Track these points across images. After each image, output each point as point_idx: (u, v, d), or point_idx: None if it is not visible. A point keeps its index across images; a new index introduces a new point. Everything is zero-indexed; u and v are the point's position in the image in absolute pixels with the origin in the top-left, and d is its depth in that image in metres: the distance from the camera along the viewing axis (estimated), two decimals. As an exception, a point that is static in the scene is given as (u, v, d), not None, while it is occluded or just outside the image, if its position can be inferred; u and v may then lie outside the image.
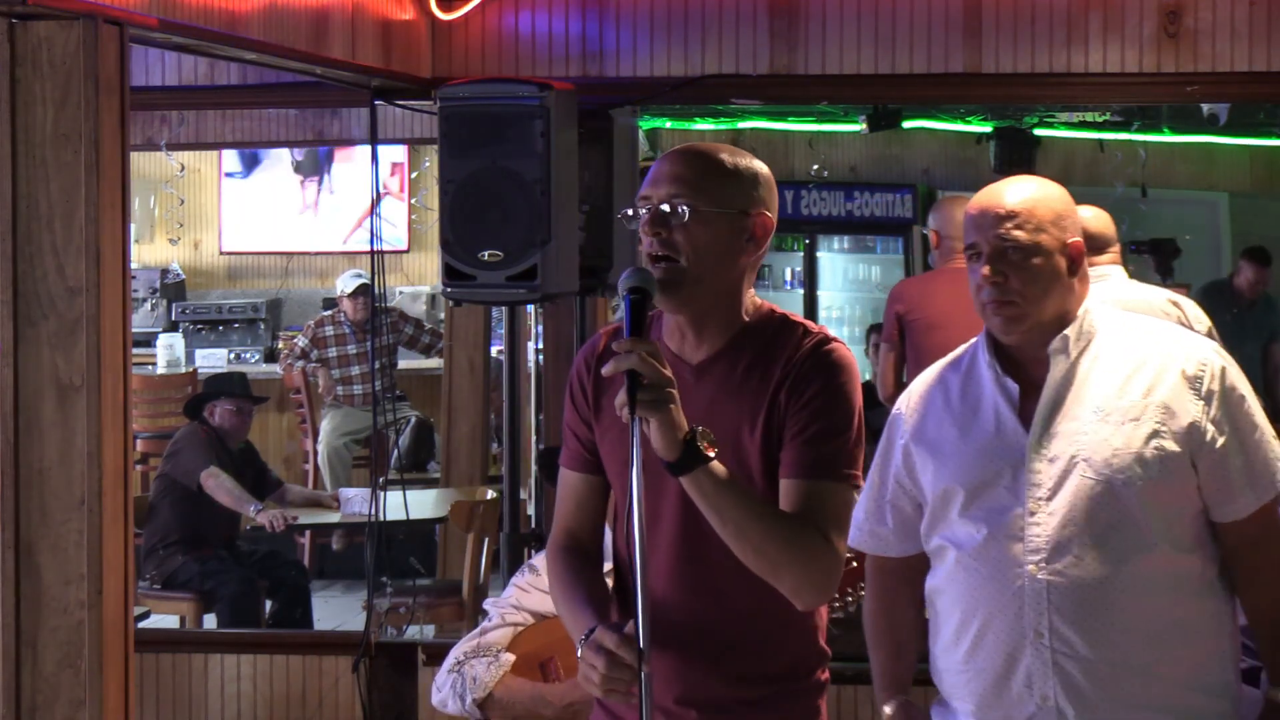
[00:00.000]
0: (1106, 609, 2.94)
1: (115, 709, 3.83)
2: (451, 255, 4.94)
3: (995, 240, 3.01)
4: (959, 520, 3.05)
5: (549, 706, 3.94)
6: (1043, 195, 3.06)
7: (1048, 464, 2.98)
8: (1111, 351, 3.04)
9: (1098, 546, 2.94)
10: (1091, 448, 2.96)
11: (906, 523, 3.19)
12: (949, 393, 3.14)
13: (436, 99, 5.03)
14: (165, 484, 7.52)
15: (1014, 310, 3.01)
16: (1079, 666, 2.95)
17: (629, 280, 2.75)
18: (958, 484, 3.05)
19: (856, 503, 2.98)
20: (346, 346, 9.84)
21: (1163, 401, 2.97)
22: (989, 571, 3.00)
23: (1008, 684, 3.00)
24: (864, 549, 3.26)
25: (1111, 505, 2.94)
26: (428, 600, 6.77)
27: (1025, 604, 2.96)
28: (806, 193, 11.91)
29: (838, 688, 5.17)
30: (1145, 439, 2.95)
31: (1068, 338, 3.03)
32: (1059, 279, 3.03)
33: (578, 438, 2.98)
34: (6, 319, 3.74)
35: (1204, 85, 5.47)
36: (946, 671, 3.12)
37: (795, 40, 5.40)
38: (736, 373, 2.86)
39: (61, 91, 3.71)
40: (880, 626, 3.28)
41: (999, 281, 3.00)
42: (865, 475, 3.06)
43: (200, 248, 12.40)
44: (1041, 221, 3.01)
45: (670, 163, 2.87)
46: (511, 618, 4.10)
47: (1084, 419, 2.98)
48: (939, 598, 3.13)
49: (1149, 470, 2.94)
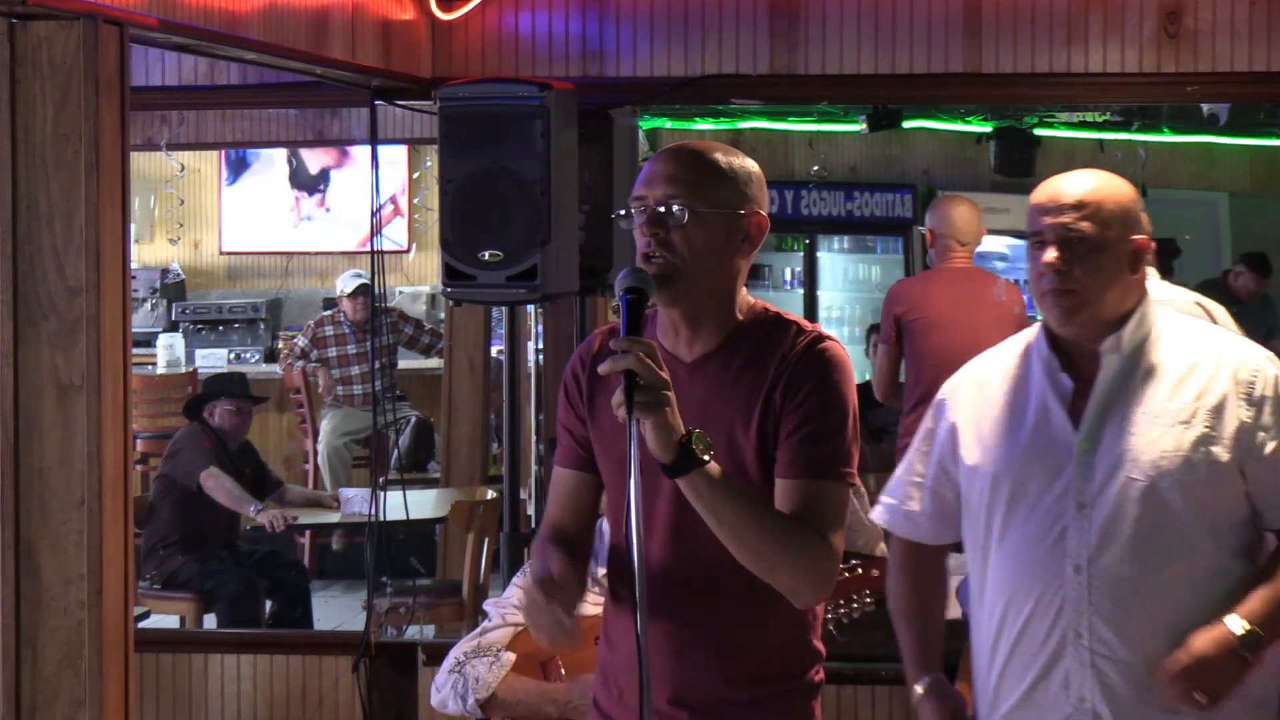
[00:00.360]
0: (1147, 612, 2.93)
1: (115, 709, 3.83)
2: (451, 255, 4.94)
3: (1062, 230, 2.98)
4: (1001, 515, 3.03)
5: (552, 704, 3.94)
6: (1112, 189, 3.04)
7: (1095, 464, 2.97)
8: (1164, 353, 3.02)
9: (1141, 549, 2.93)
10: (1139, 450, 2.95)
11: (945, 510, 3.17)
12: (1000, 381, 3.11)
13: (436, 99, 5.03)
14: (165, 484, 7.52)
15: (1074, 300, 2.98)
16: (1117, 668, 2.94)
17: (625, 280, 2.75)
18: (1000, 477, 3.03)
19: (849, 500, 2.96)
20: (346, 346, 9.84)
21: (1213, 406, 2.96)
22: (1030, 569, 2.99)
23: (1045, 684, 2.99)
24: (893, 530, 3.25)
25: (1157, 508, 2.93)
26: (428, 600, 6.77)
27: (1066, 604, 2.95)
28: (806, 193, 11.90)
29: (837, 688, 5.18)
30: (1194, 443, 2.94)
31: (1121, 337, 3.01)
32: (1121, 274, 3.01)
33: (571, 435, 2.98)
34: (6, 319, 3.74)
35: (1204, 85, 5.48)
36: (982, 669, 3.11)
37: (795, 40, 5.40)
38: (730, 370, 2.85)
39: (61, 91, 3.71)
40: (909, 604, 3.25)
41: (1063, 270, 2.97)
42: (859, 473, 3.04)
43: (200, 248, 12.40)
44: (1110, 215, 3.00)
45: (666, 162, 2.86)
46: (512, 618, 4.10)
47: (1134, 420, 2.97)
48: (977, 592, 3.11)
49: (1196, 474, 2.93)
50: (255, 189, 12.21)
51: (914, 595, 3.25)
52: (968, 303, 6.45)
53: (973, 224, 6.59)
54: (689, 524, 2.80)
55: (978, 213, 6.66)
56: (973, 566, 3.15)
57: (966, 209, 6.64)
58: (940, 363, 6.39)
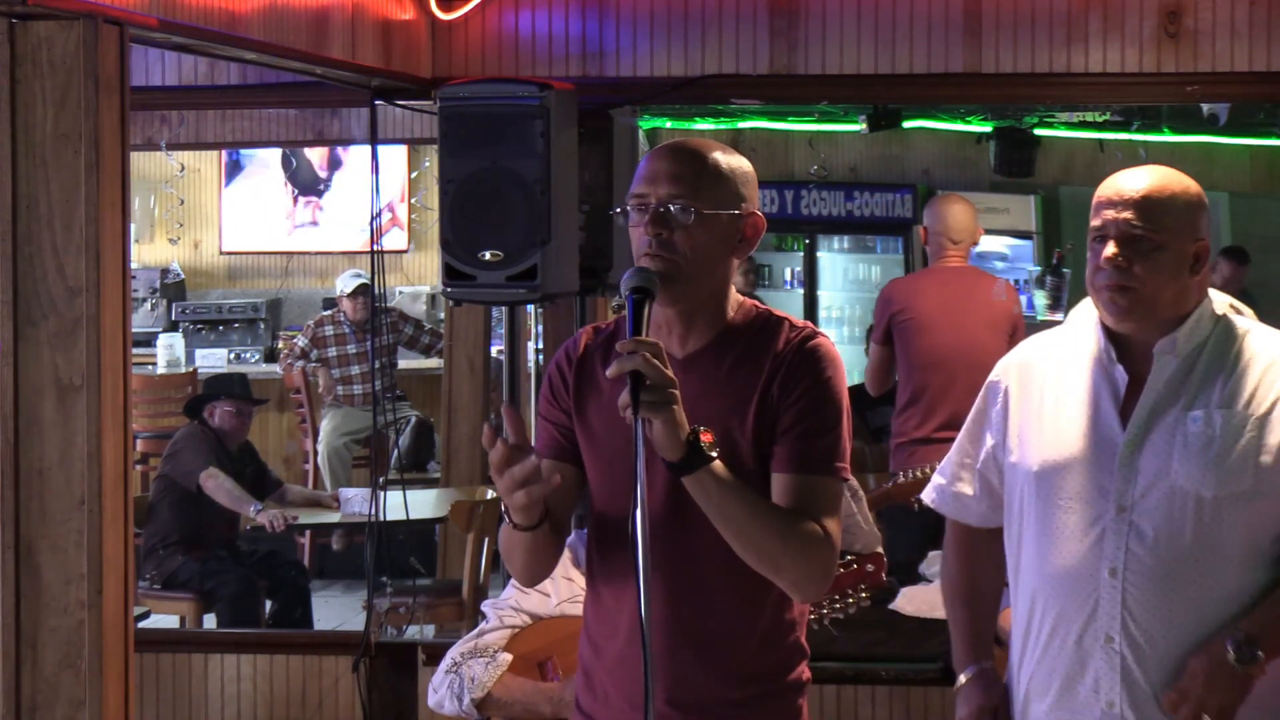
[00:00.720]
0: (1181, 620, 2.90)
1: (115, 709, 3.83)
2: (451, 255, 4.94)
3: (1125, 226, 2.93)
4: (1040, 505, 3.00)
5: (547, 703, 3.95)
6: (1180, 188, 2.99)
7: (1139, 467, 2.93)
8: (1219, 359, 2.98)
9: (1180, 557, 2.90)
10: (1186, 456, 2.91)
11: (994, 494, 3.14)
12: (1052, 367, 3.08)
13: (436, 99, 5.03)
14: (165, 485, 7.52)
15: (1131, 298, 2.94)
16: (1146, 676, 2.91)
17: (631, 280, 2.76)
18: (1044, 466, 3.00)
19: (844, 495, 2.96)
20: (346, 346, 9.84)
21: (1265, 413, 2.92)
22: (1066, 571, 2.96)
23: (1075, 686, 2.97)
24: (943, 511, 3.22)
25: (1199, 517, 2.90)
26: (428, 600, 6.77)
27: (1100, 606, 2.93)
28: (806, 193, 11.90)
29: (838, 687, 5.18)
30: (1243, 452, 2.90)
31: (1176, 339, 2.97)
32: (1181, 275, 2.96)
33: (553, 425, 2.96)
34: (6, 319, 3.74)
35: (1204, 85, 5.47)
36: (1014, 662, 3.08)
37: (795, 40, 5.40)
38: (724, 366, 2.87)
39: (61, 91, 3.71)
40: (961, 587, 3.22)
41: (1122, 266, 2.93)
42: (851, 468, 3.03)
43: (200, 248, 12.40)
44: (1175, 215, 2.95)
45: (667, 161, 2.86)
46: (510, 620, 4.10)
47: (1183, 425, 2.93)
48: (1013, 587, 3.08)
49: (1242, 484, 2.89)
50: (252, 190, 12.20)
51: (964, 579, 3.22)
52: (958, 303, 6.45)
53: (966, 223, 6.57)
54: (682, 524, 2.81)
55: (973, 212, 6.65)
56: (1009, 554, 3.12)
57: (961, 207, 6.63)
58: (929, 363, 6.40)
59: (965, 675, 3.17)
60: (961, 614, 3.21)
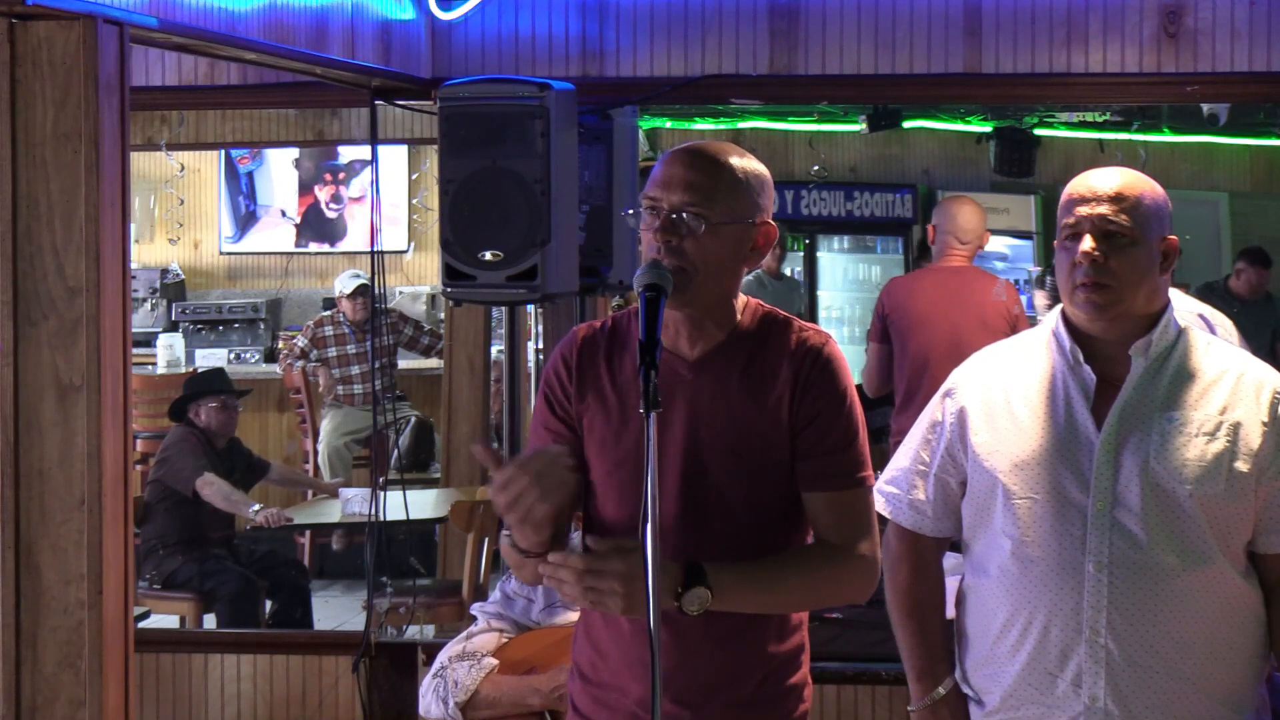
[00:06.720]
0: (1164, 615, 2.93)
1: (115, 709, 3.83)
2: (451, 255, 4.94)
3: (1100, 221, 2.96)
4: (1015, 510, 3.00)
5: (536, 694, 3.95)
6: (1147, 185, 3.03)
7: (1118, 466, 2.95)
8: (1189, 362, 3.02)
9: (1160, 554, 2.92)
10: (1163, 456, 2.94)
11: (949, 499, 3.15)
12: (1014, 371, 3.09)
13: (436, 99, 5.02)
14: (160, 489, 7.48)
15: (1108, 295, 2.97)
16: (1130, 670, 2.93)
17: (644, 277, 2.76)
18: (1017, 466, 3.01)
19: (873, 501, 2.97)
20: (346, 346, 9.84)
21: (1237, 420, 2.96)
22: (1048, 567, 2.97)
23: (1054, 683, 2.98)
24: (898, 519, 3.22)
25: (1178, 515, 2.93)
26: (428, 600, 6.77)
27: (1083, 603, 2.94)
28: (806, 193, 11.91)
29: (838, 687, 5.18)
30: (1217, 455, 2.93)
31: (1151, 340, 3.00)
32: (1152, 272, 3.00)
33: (553, 436, 2.95)
34: (6, 319, 3.74)
35: (1204, 85, 5.48)
36: (982, 666, 3.09)
37: (795, 40, 5.40)
38: (736, 368, 2.87)
39: (61, 91, 3.71)
40: (919, 598, 3.21)
41: (1099, 261, 2.95)
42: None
43: (200, 248, 12.40)
44: (1146, 210, 2.99)
45: (683, 166, 2.84)
46: (496, 624, 4.12)
47: (1159, 425, 2.96)
48: (981, 588, 3.08)
49: (1216, 486, 2.92)
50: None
51: (921, 586, 3.21)
52: (953, 303, 6.47)
53: (975, 224, 6.62)
54: (689, 526, 2.82)
55: (982, 215, 6.69)
56: (970, 557, 3.12)
57: (971, 209, 6.68)
58: (923, 361, 6.42)
59: (944, 688, 3.15)
60: (917, 626, 3.20)
